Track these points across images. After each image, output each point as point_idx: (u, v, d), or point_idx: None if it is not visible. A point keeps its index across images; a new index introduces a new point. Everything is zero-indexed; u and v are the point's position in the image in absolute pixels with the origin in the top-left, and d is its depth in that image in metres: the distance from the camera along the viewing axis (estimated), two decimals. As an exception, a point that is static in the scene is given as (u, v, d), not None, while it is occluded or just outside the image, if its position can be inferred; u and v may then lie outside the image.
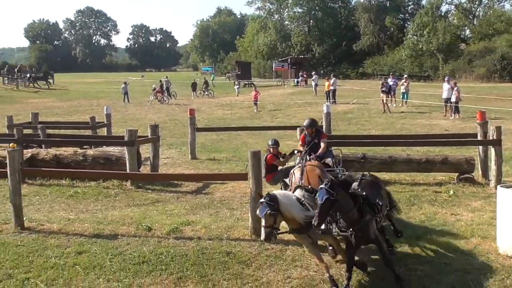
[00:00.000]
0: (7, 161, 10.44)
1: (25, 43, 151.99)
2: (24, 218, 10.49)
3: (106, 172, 13.50)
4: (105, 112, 21.82)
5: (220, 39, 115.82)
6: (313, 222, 6.70)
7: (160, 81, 45.96)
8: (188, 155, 18.55)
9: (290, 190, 8.74)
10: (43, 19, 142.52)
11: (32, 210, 11.72)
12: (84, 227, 10.35)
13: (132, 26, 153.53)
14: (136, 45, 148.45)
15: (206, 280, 8.05)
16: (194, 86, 48.77)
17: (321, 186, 6.81)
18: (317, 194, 6.83)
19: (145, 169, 15.69)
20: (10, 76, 59.74)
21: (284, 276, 8.11)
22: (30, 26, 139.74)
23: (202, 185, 14.09)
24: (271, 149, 10.16)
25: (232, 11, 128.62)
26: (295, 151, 10.32)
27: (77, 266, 8.62)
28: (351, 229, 7.04)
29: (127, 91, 43.07)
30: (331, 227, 7.23)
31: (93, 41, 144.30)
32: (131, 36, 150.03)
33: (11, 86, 55.74)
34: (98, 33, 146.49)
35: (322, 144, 10.26)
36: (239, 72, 65.67)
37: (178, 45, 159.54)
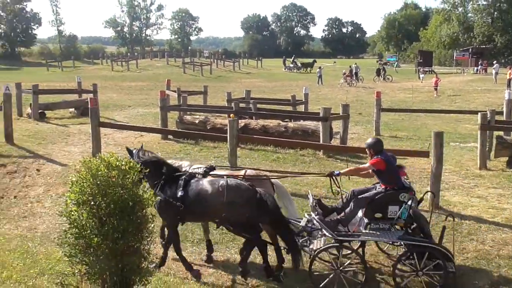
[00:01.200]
0: (228, 128, 11.16)
1: (240, 33, 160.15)
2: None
3: (303, 142, 13.73)
4: (303, 92, 22.16)
5: (405, 30, 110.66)
6: None
7: (350, 66, 45.44)
8: (373, 132, 18.13)
9: None
10: (256, 13, 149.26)
11: (244, 169, 12.42)
12: (285, 186, 10.69)
13: (327, 19, 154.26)
14: (330, 35, 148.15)
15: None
16: (378, 72, 47.49)
17: None
18: None
19: (335, 142, 15.67)
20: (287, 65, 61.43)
21: (460, 247, 7.59)
22: (245, 19, 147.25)
23: (384, 159, 13.67)
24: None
25: (418, 5, 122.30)
26: None
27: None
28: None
29: (321, 74, 43.34)
30: None
31: (294, 32, 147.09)
32: (326, 28, 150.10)
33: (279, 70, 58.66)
34: (299, 25, 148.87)
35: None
36: (421, 60, 62.07)
37: (366, 35, 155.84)
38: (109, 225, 4.57)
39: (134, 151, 7.32)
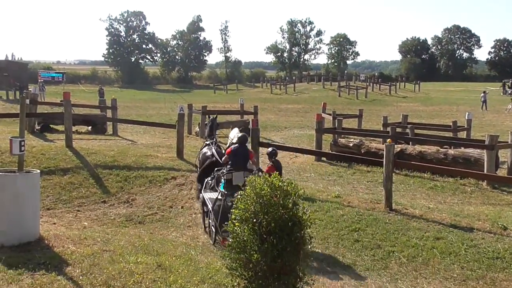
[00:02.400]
0: (384, 153, 10.82)
1: (397, 56, 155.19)
2: (392, 201, 10.74)
3: (465, 171, 12.74)
4: (466, 118, 20.64)
5: None
6: None
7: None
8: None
9: None
10: (415, 37, 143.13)
11: (398, 195, 11.90)
12: (442, 216, 10.02)
13: (494, 41, 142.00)
14: (497, 58, 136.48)
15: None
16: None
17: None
18: None
19: (501, 172, 14.29)
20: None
21: None
22: (403, 42, 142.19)
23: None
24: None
25: None
26: None
27: (434, 250, 8.41)
28: None
29: (485, 99, 40.03)
30: None
31: (456, 54, 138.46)
32: (492, 50, 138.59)
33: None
34: (462, 47, 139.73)
35: None
36: None
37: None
38: (269, 243, 4.69)
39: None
